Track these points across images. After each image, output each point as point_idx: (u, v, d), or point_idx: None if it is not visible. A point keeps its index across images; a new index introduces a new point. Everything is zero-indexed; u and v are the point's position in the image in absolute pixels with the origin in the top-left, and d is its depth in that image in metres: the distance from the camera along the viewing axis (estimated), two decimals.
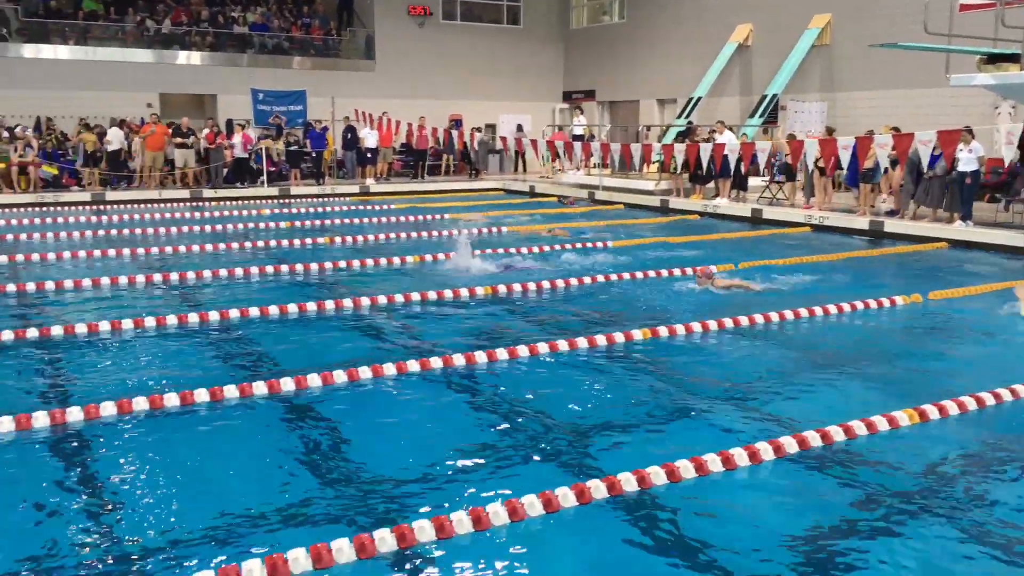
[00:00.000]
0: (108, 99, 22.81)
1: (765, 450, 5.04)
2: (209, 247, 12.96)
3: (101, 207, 18.56)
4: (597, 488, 4.53)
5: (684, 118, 23.20)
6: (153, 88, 24.00)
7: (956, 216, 14.27)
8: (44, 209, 17.71)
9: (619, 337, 7.68)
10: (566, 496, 4.44)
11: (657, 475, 4.71)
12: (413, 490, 4.68)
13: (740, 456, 4.96)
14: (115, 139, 20.37)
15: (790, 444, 5.15)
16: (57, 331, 7.79)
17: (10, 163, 19.13)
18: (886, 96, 19.56)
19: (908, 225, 14.69)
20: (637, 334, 7.77)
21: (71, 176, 20.38)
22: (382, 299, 9.21)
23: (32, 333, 7.73)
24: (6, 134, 19.79)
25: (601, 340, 7.59)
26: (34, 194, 18.99)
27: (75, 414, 5.65)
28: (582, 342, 7.50)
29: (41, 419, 5.56)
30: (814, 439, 5.23)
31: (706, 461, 4.86)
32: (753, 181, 18.80)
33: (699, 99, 23.72)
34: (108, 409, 5.73)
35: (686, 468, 4.80)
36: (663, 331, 7.88)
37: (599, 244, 13.41)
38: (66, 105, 22.35)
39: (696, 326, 8.05)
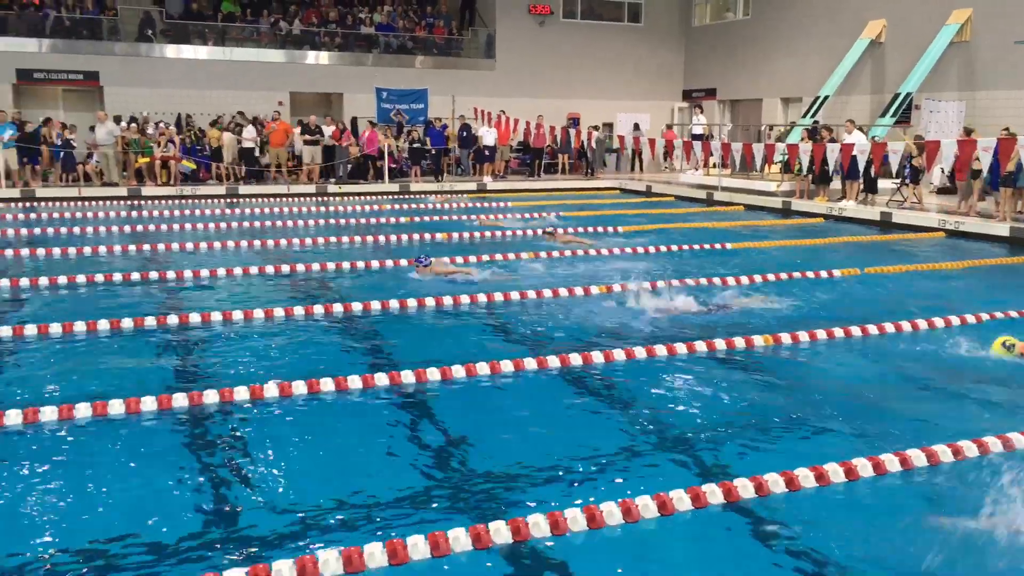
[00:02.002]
0: (242, 97, 23.93)
1: (891, 461, 4.86)
2: (333, 240, 13.42)
3: (234, 200, 19.50)
4: (713, 493, 4.48)
5: (810, 117, 22.47)
6: (284, 87, 25.04)
7: None
8: (183, 201, 18.73)
9: (740, 343, 7.53)
10: (681, 499, 4.41)
11: (776, 483, 4.62)
12: (526, 486, 4.75)
13: (864, 467, 4.80)
14: (249, 136, 21.34)
15: (918, 457, 4.94)
16: (195, 318, 8.25)
17: (153, 158, 20.33)
18: None
19: None
20: (758, 340, 7.60)
21: (207, 170, 21.48)
22: (498, 296, 9.32)
23: (172, 320, 8.20)
24: (151, 130, 21.03)
25: (721, 344, 7.46)
26: (174, 187, 20.12)
27: (211, 396, 5.97)
28: (701, 346, 7.40)
29: (180, 400, 5.91)
30: (944, 454, 5.01)
31: (827, 471, 4.73)
32: (883, 183, 18.03)
33: (826, 98, 22.94)
34: (241, 394, 6.03)
35: (805, 477, 4.68)
36: (785, 338, 7.68)
37: (717, 246, 13.17)
38: (204, 103, 23.57)
39: (821, 333, 7.81)
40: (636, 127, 26.67)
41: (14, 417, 5.53)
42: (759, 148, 18.15)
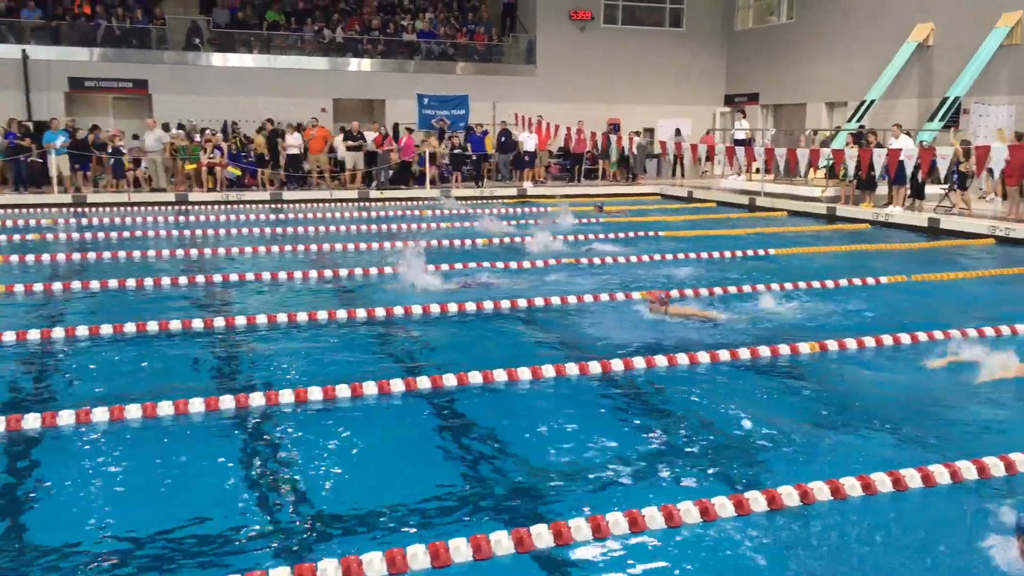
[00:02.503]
0: (287, 104, 24.25)
1: (941, 473, 4.78)
2: (375, 245, 13.53)
3: (278, 205, 19.76)
4: (756, 500, 4.44)
5: (855, 122, 22.16)
6: (327, 94, 25.34)
7: None
8: (228, 207, 19.04)
9: (784, 350, 7.45)
10: (724, 505, 4.38)
11: (821, 491, 4.56)
12: (567, 490, 4.75)
13: (912, 478, 4.72)
14: (292, 143, 21.62)
15: (968, 470, 4.85)
16: (241, 321, 8.38)
17: (200, 164, 20.70)
18: None
19: None
20: (804, 348, 7.51)
21: (252, 176, 21.80)
22: (539, 301, 9.33)
23: (219, 322, 8.34)
24: (198, 137, 21.41)
25: (765, 351, 7.39)
26: (220, 193, 20.45)
27: (257, 399, 6.06)
28: (744, 353, 7.34)
29: (227, 402, 6.01)
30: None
31: (874, 481, 4.67)
32: (930, 189, 17.69)
33: (872, 102, 22.59)
34: (286, 396, 6.12)
35: (852, 486, 4.62)
36: (832, 345, 7.58)
37: (760, 252, 13.05)
38: (249, 110, 23.93)
39: (868, 340, 7.69)
40: (677, 132, 26.52)
41: (67, 417, 5.67)
42: (803, 153, 17.92)
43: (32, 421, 5.61)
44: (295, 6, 26.87)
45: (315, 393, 6.17)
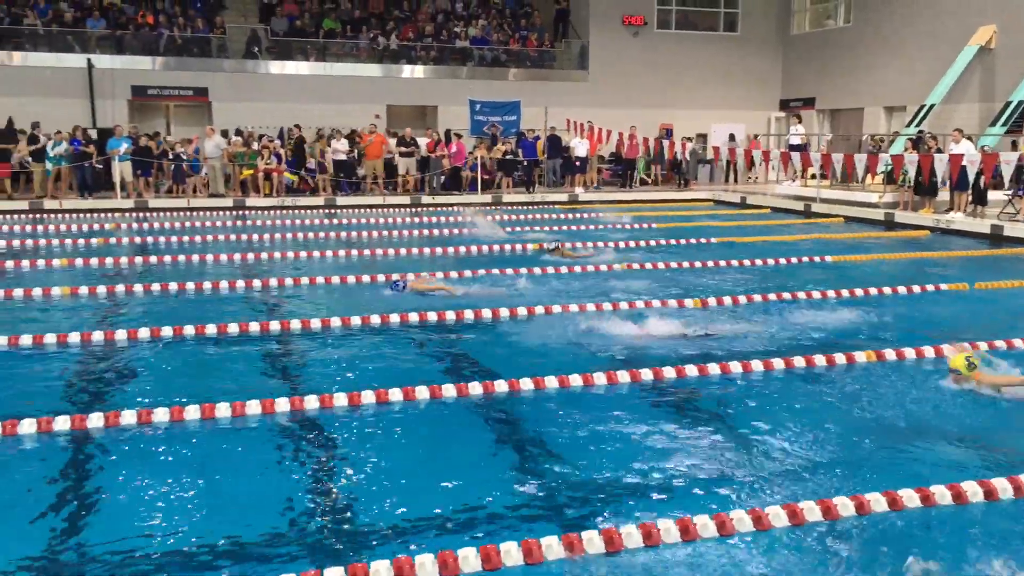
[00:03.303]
0: (341, 111, 24.60)
1: (1004, 488, 4.66)
2: (427, 251, 13.64)
3: (333, 211, 20.05)
4: (811, 510, 4.39)
5: (915, 126, 21.70)
6: (381, 100, 25.63)
7: None
8: (285, 212, 19.37)
9: (840, 359, 7.33)
10: (777, 515, 4.33)
11: (878, 502, 4.49)
12: (618, 496, 4.74)
13: (975, 492, 4.61)
14: (339, 148, 21.91)
15: None
16: (296, 324, 8.52)
17: (257, 170, 21.11)
18: None
19: None
20: (860, 356, 7.37)
21: (308, 182, 22.15)
22: (590, 307, 9.32)
23: (274, 326, 8.50)
24: (255, 144, 21.84)
25: (820, 360, 7.28)
26: (277, 198, 20.83)
27: (312, 402, 6.16)
28: (799, 361, 7.24)
29: (282, 404, 6.12)
30: None
31: (933, 493, 4.58)
32: (993, 195, 17.23)
33: (932, 106, 22.11)
34: (340, 400, 6.21)
35: (910, 498, 4.53)
36: (889, 354, 7.42)
37: (816, 259, 12.86)
38: (305, 116, 24.33)
39: (928, 350, 7.52)
40: (731, 138, 26.26)
41: (128, 417, 5.83)
42: (861, 158, 17.60)
43: (96, 420, 5.78)
44: (351, 14, 27.26)
45: (368, 397, 6.25)
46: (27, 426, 5.65)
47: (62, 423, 5.72)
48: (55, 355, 7.63)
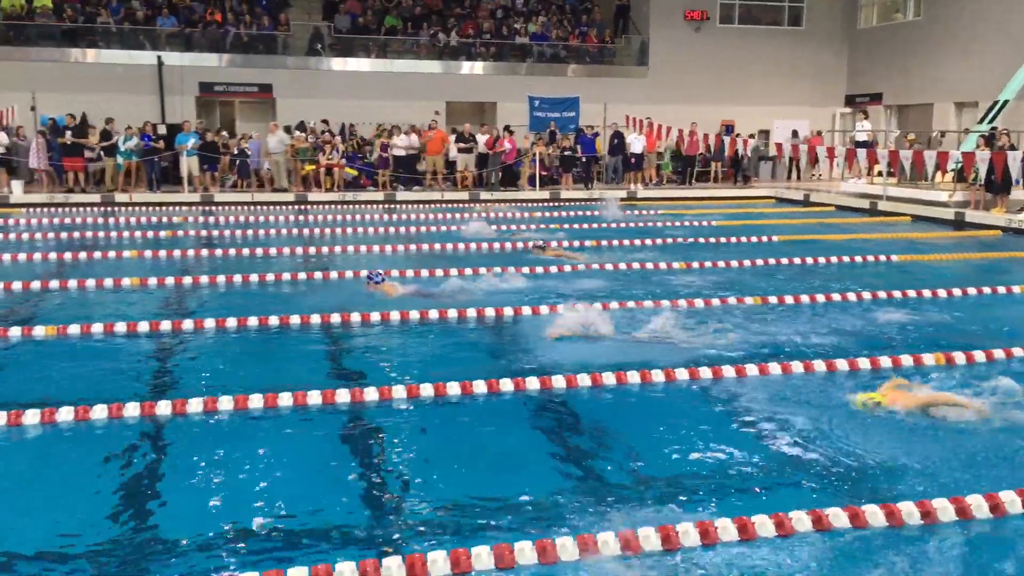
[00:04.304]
0: (401, 107, 24.82)
1: None
2: (485, 246, 13.69)
3: (392, 205, 20.26)
4: (874, 514, 4.30)
5: (987, 123, 21.03)
6: (440, 97, 25.78)
7: None
8: (345, 207, 19.64)
9: (907, 360, 7.16)
10: (837, 516, 4.27)
11: (945, 510, 4.38)
12: (672, 494, 4.72)
13: None
14: (399, 144, 22.11)
15: None
16: (356, 317, 8.63)
17: (319, 165, 21.45)
18: None
19: None
20: (928, 359, 7.19)
21: (368, 177, 22.43)
22: (648, 303, 9.25)
23: (335, 318, 8.61)
24: (316, 139, 22.18)
25: (886, 362, 7.12)
26: (337, 193, 21.14)
27: (371, 394, 6.25)
28: (864, 363, 7.09)
29: (343, 395, 6.22)
30: None
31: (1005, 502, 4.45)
32: None
33: (1006, 102, 21.39)
34: (399, 392, 6.28)
35: (979, 507, 4.41)
36: (959, 358, 7.22)
37: (881, 258, 12.57)
38: (366, 113, 24.62)
39: (998, 353, 7.29)
40: (795, 134, 25.79)
41: (195, 405, 5.99)
42: (930, 155, 17.13)
43: (164, 408, 5.95)
44: (412, 11, 27.48)
45: (427, 389, 6.31)
46: (99, 411, 5.84)
47: (132, 409, 5.90)
48: (124, 343, 7.87)
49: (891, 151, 19.19)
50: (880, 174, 20.56)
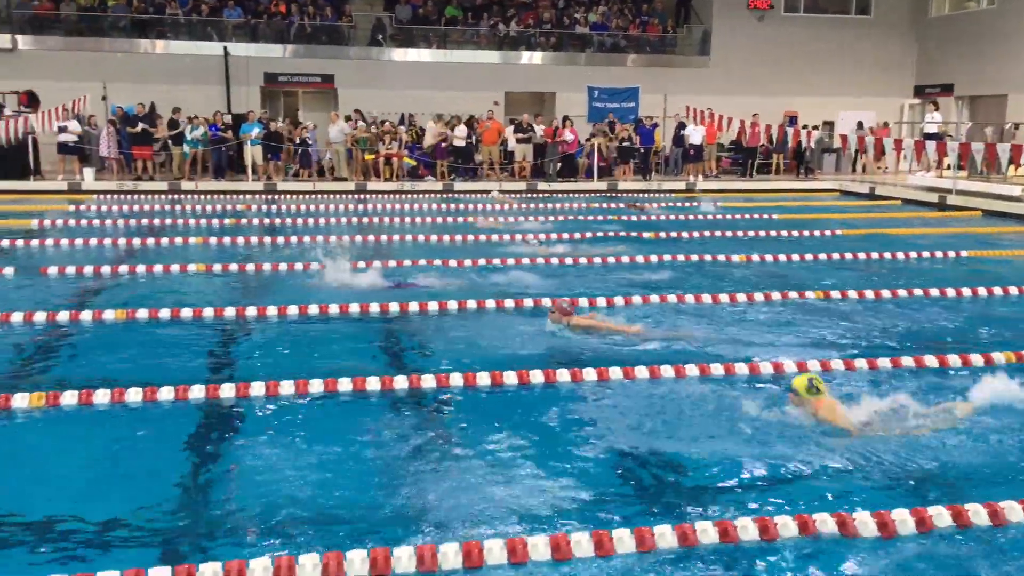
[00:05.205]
0: (461, 98, 24.91)
1: None
2: (542, 236, 13.67)
3: (449, 195, 20.36)
4: (940, 515, 4.21)
5: None
6: (499, 87, 25.80)
7: None
8: (403, 196, 19.81)
9: (977, 360, 6.96)
10: (904, 521, 4.18)
11: (977, 514, 4.29)
12: (731, 489, 4.67)
13: None
14: (459, 135, 22.20)
15: None
16: (413, 307, 8.70)
17: (379, 155, 21.66)
18: None
19: None
20: (999, 357, 6.98)
21: (426, 167, 22.58)
22: (706, 298, 9.15)
23: (393, 307, 8.70)
24: (377, 128, 22.39)
25: (955, 361, 6.94)
26: (396, 182, 21.33)
27: (428, 381, 6.31)
28: (931, 360, 6.92)
29: (401, 383, 6.29)
30: None
31: None
32: None
33: None
34: (456, 380, 6.33)
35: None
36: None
37: (950, 254, 12.22)
38: (425, 103, 24.78)
39: None
40: (860, 126, 25.19)
41: (257, 388, 6.12)
42: (1004, 148, 16.58)
43: (228, 391, 6.09)
44: (472, 1, 27.53)
45: (483, 379, 6.34)
46: (165, 393, 6.01)
47: (197, 391, 6.06)
48: (190, 328, 8.07)
49: (962, 143, 18.61)
50: (949, 167, 19.97)
